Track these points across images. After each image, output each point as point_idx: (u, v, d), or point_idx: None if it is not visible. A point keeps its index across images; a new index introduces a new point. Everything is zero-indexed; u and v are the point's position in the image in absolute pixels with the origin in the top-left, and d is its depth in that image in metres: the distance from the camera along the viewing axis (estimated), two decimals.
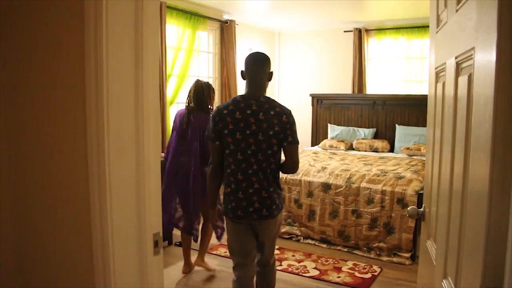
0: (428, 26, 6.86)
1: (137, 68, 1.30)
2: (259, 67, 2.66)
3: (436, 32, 1.73)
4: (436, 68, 1.71)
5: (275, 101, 2.66)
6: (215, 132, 2.64)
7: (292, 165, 2.67)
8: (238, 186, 2.61)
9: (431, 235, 1.73)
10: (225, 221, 2.87)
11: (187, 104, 3.68)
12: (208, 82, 3.75)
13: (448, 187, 1.38)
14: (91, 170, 1.25)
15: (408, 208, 1.94)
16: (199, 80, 3.73)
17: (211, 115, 2.75)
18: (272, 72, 2.72)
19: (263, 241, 2.75)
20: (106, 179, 1.23)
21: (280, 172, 2.73)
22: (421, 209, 1.93)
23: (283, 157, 2.70)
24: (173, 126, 3.82)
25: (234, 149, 2.59)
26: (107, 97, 1.22)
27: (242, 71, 2.69)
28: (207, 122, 2.86)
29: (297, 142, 2.65)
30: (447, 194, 1.39)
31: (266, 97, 2.66)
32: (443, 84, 1.55)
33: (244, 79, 2.68)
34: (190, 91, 3.68)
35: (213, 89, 3.74)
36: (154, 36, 1.37)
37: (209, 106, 3.66)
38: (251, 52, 2.86)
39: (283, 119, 2.58)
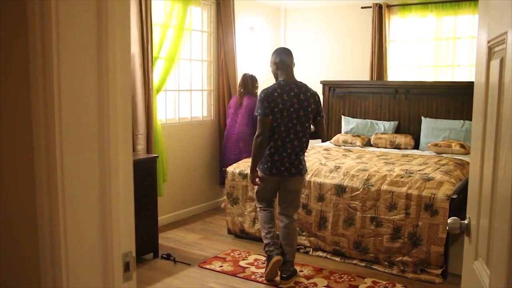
0: (462, 0, 6.64)
1: (100, 39, 1.12)
2: (290, 58, 3.93)
3: None
4: (489, 42, 1.53)
5: (307, 85, 3.97)
6: (268, 109, 3.78)
7: (322, 133, 4.07)
8: (276, 150, 3.84)
9: (480, 255, 1.55)
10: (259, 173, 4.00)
11: (239, 90, 5.93)
12: (252, 74, 5.94)
13: (510, 196, 1.20)
14: (37, 171, 1.07)
15: (449, 220, 1.76)
16: (246, 73, 5.93)
17: (258, 96, 4.08)
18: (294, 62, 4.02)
19: (291, 191, 3.98)
20: (57, 183, 1.05)
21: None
22: (465, 221, 1.75)
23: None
24: (229, 109, 6.06)
25: (280, 123, 3.79)
26: (58, 78, 1.03)
27: (276, 62, 3.91)
28: (252, 102, 5.61)
29: (324, 116, 4.06)
30: (508, 204, 1.21)
31: (300, 82, 3.96)
32: (501, 60, 1.37)
33: (278, 69, 3.91)
34: (240, 81, 5.93)
35: (256, 79, 5.91)
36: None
37: (255, 91, 5.88)
38: (279, 47, 4.30)
39: (316, 99, 3.92)
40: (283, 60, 3.88)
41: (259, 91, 5.69)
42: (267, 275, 3.93)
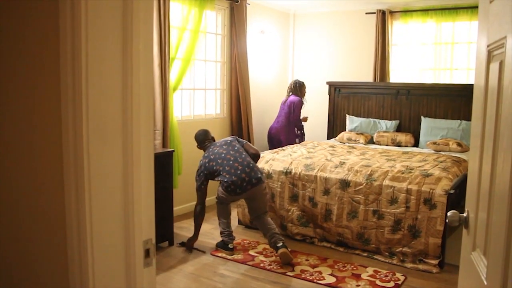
0: (460, 8, 6.58)
1: (125, 38, 1.12)
2: (204, 136, 4.55)
3: (490, 2, 1.53)
4: (488, 46, 1.52)
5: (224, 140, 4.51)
6: (203, 178, 4.26)
7: (255, 151, 4.42)
8: (230, 175, 4.09)
9: (478, 246, 1.54)
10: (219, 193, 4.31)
11: (288, 92, 6.46)
12: (300, 81, 6.47)
13: (508, 190, 1.19)
14: (66, 161, 1.08)
15: (448, 213, 1.74)
16: (294, 80, 6.53)
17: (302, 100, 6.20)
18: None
19: (257, 201, 4.21)
20: (84, 174, 1.05)
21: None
22: (464, 214, 1.74)
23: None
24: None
25: (220, 163, 4.17)
26: (86, 74, 1.04)
27: (197, 146, 4.59)
28: (295, 100, 6.28)
29: (247, 141, 4.62)
30: (506, 198, 1.20)
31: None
32: (501, 63, 1.36)
33: (201, 147, 4.55)
34: (289, 85, 6.52)
35: (303, 84, 6.42)
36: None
37: (300, 94, 6.39)
38: (198, 132, 4.68)
39: (235, 138, 4.47)
40: (200, 140, 4.53)
41: (307, 94, 6.53)
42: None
